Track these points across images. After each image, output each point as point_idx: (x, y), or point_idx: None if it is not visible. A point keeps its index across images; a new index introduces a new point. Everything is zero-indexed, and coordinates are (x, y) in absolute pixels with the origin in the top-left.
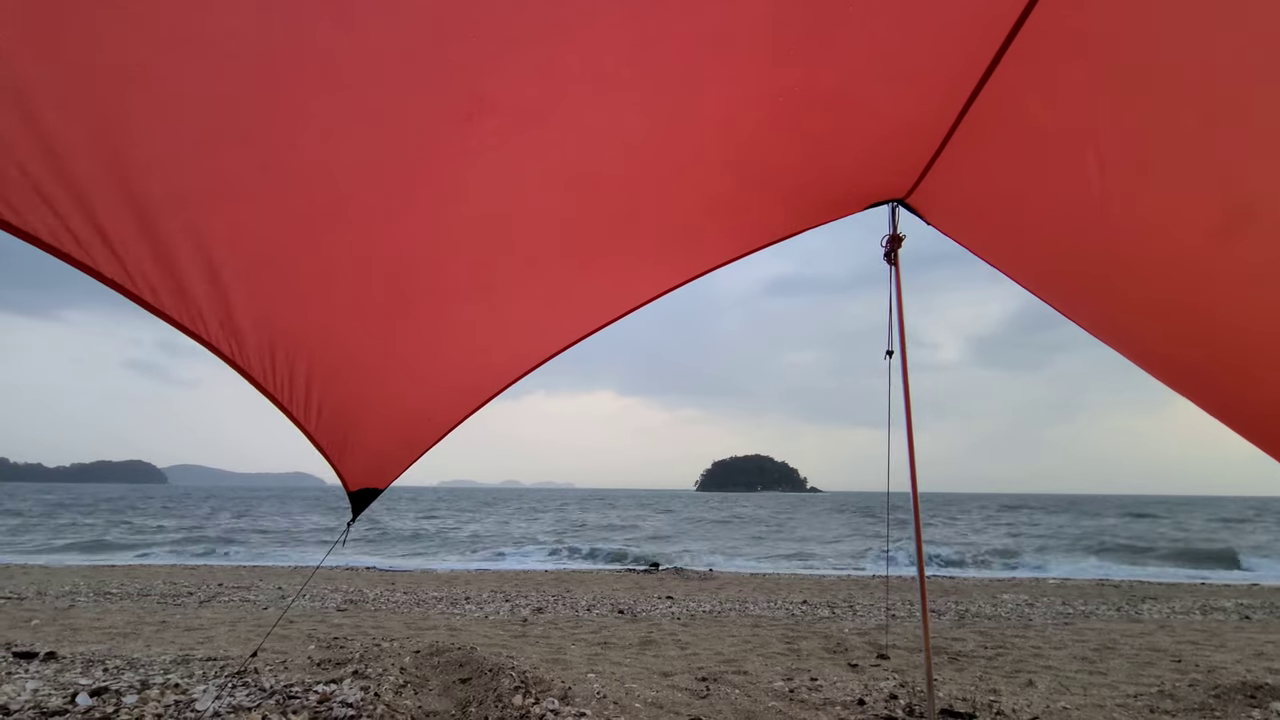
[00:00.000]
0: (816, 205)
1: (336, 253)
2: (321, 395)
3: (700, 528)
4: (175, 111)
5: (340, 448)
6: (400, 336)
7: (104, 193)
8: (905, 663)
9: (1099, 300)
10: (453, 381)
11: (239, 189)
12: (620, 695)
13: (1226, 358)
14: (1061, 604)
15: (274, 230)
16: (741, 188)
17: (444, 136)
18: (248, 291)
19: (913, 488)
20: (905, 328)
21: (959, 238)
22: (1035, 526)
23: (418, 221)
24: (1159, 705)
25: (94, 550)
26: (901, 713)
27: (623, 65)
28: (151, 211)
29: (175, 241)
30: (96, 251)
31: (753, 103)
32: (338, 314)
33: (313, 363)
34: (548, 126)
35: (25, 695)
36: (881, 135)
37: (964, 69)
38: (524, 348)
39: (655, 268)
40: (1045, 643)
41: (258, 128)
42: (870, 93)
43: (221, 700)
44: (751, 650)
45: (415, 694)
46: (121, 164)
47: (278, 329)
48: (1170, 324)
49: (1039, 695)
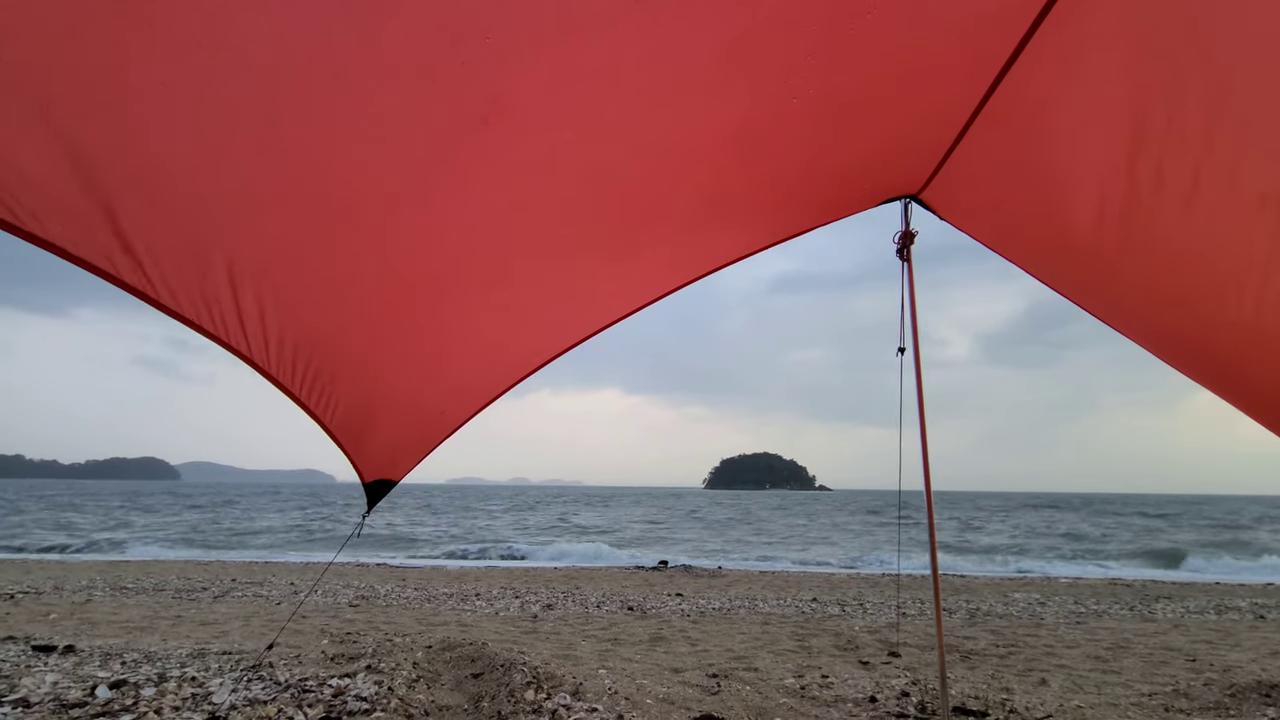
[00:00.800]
0: (828, 203)
1: (353, 253)
2: (340, 391)
3: (709, 525)
4: (194, 116)
5: (356, 441)
6: (415, 333)
7: (124, 199)
8: (917, 660)
9: (1115, 290)
10: (465, 377)
11: (256, 191)
12: (631, 691)
13: (1243, 345)
14: (1074, 603)
15: (292, 231)
16: (753, 187)
17: (459, 139)
18: (268, 291)
19: (926, 486)
20: (918, 324)
21: (973, 232)
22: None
23: (433, 221)
24: (1174, 704)
25: (115, 547)
26: (914, 710)
27: (639, 70)
28: (173, 216)
29: (196, 245)
30: (118, 260)
31: (767, 106)
32: (355, 313)
33: (332, 360)
34: (562, 128)
35: (45, 688)
36: (895, 132)
37: (981, 65)
38: (535, 344)
39: (664, 266)
40: (1058, 641)
41: (274, 132)
42: (885, 92)
43: (238, 693)
44: (762, 647)
45: (428, 688)
46: (139, 168)
47: (298, 328)
48: (1187, 311)
49: (1052, 694)
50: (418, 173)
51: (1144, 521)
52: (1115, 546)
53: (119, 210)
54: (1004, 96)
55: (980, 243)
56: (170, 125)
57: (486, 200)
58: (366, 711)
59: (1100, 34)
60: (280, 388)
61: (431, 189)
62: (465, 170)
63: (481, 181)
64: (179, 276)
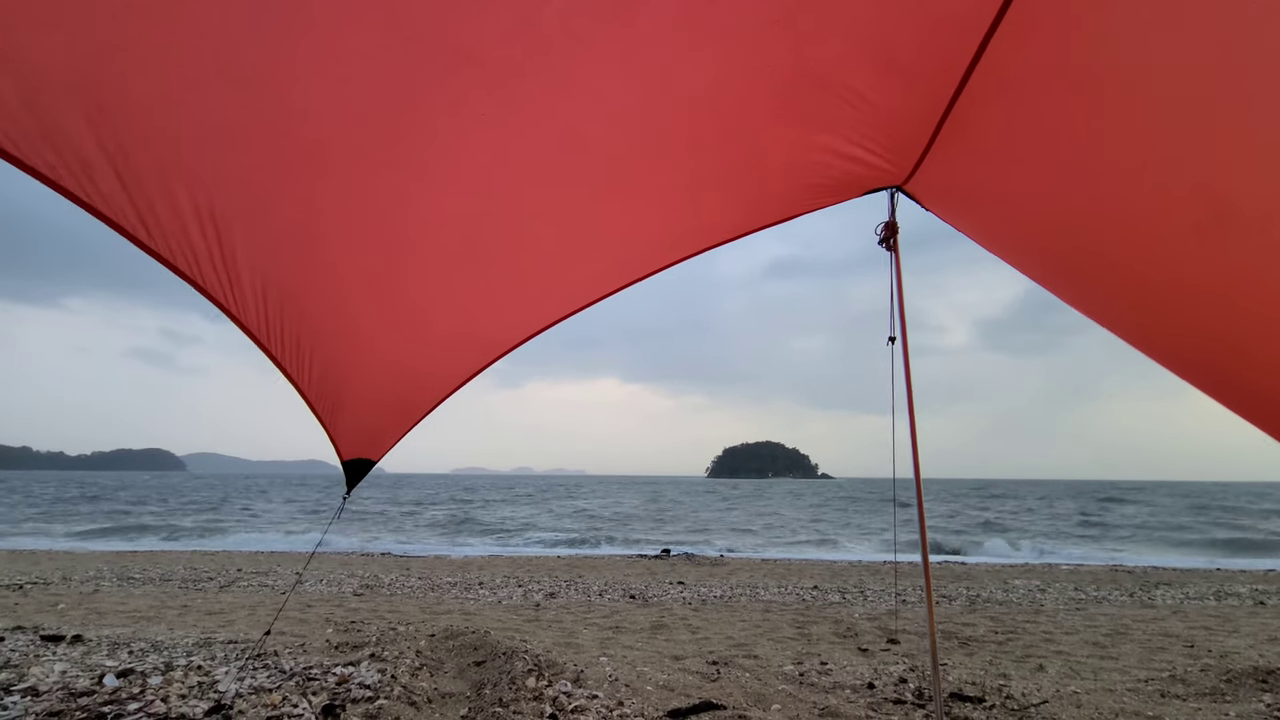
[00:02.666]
0: (812, 189)
1: (320, 204)
2: (313, 350)
3: (713, 514)
4: (163, 50)
5: (333, 411)
6: (389, 298)
7: (101, 129)
8: (915, 647)
9: (1102, 285)
10: (441, 348)
11: (225, 130)
12: (632, 678)
13: (1236, 339)
14: (1074, 590)
15: (260, 174)
16: (731, 166)
17: (423, 85)
18: (241, 235)
19: (915, 474)
20: (909, 312)
21: (959, 224)
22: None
23: (401, 178)
24: (1170, 690)
25: (119, 535)
26: (911, 696)
27: (599, 24)
28: (145, 150)
29: (170, 181)
30: (105, 187)
31: (736, 76)
32: (323, 270)
33: (303, 315)
34: (529, 82)
35: (54, 677)
36: (875, 120)
37: (954, 52)
38: (513, 318)
39: (646, 243)
40: (1056, 628)
41: (240, 67)
42: (859, 78)
43: (243, 681)
44: (762, 635)
45: (431, 676)
46: (113, 101)
47: (270, 278)
48: (1177, 306)
49: (1049, 680)
50: (383, 118)
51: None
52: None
53: (91, 137)
54: (980, 85)
55: (968, 236)
56: (137, 52)
57: (456, 159)
58: (370, 699)
59: (1075, 16)
60: (256, 341)
61: (398, 138)
62: (431, 120)
63: (448, 134)
64: (153, 214)
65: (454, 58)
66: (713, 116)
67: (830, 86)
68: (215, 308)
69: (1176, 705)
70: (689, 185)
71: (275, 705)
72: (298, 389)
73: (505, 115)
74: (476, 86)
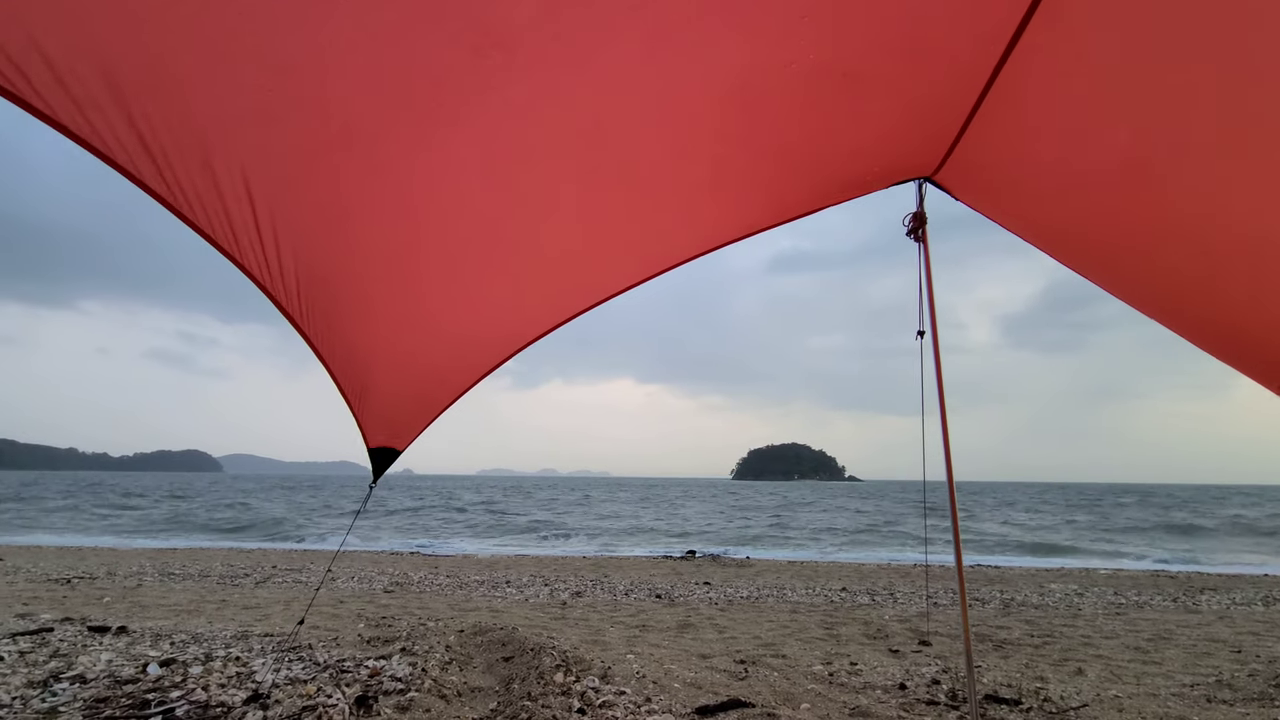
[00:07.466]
0: (838, 182)
1: (348, 184)
2: (341, 332)
3: (740, 515)
4: (197, 17)
5: (360, 397)
6: (412, 284)
7: (140, 102)
8: (948, 649)
9: (1140, 270)
10: (464, 338)
11: (257, 109)
12: (659, 675)
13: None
14: (1113, 594)
15: (292, 153)
16: (756, 160)
17: (450, 68)
18: (279, 213)
19: (948, 473)
20: (935, 307)
21: (991, 213)
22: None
23: (428, 162)
24: (1216, 695)
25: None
26: (944, 698)
27: (625, 13)
28: (183, 121)
29: (211, 157)
30: (143, 164)
31: (761, 69)
32: (351, 251)
33: (333, 299)
34: (555, 70)
35: (101, 665)
36: (904, 111)
37: (988, 38)
38: (533, 312)
39: (668, 237)
40: (1095, 632)
41: (270, 47)
42: (888, 68)
43: (279, 672)
44: (790, 635)
45: (460, 670)
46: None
47: (302, 258)
48: (1216, 291)
49: (1088, 683)
50: (411, 98)
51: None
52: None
53: (135, 112)
54: (1014, 72)
55: (1000, 225)
56: (179, 27)
57: (484, 146)
58: (401, 691)
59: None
60: (294, 324)
61: (425, 120)
62: (458, 105)
63: (476, 120)
64: (193, 187)
65: (483, 38)
66: (739, 109)
67: (860, 77)
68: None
69: (1223, 710)
70: (711, 178)
71: (310, 695)
72: (328, 370)
73: (533, 104)
74: (504, 70)
